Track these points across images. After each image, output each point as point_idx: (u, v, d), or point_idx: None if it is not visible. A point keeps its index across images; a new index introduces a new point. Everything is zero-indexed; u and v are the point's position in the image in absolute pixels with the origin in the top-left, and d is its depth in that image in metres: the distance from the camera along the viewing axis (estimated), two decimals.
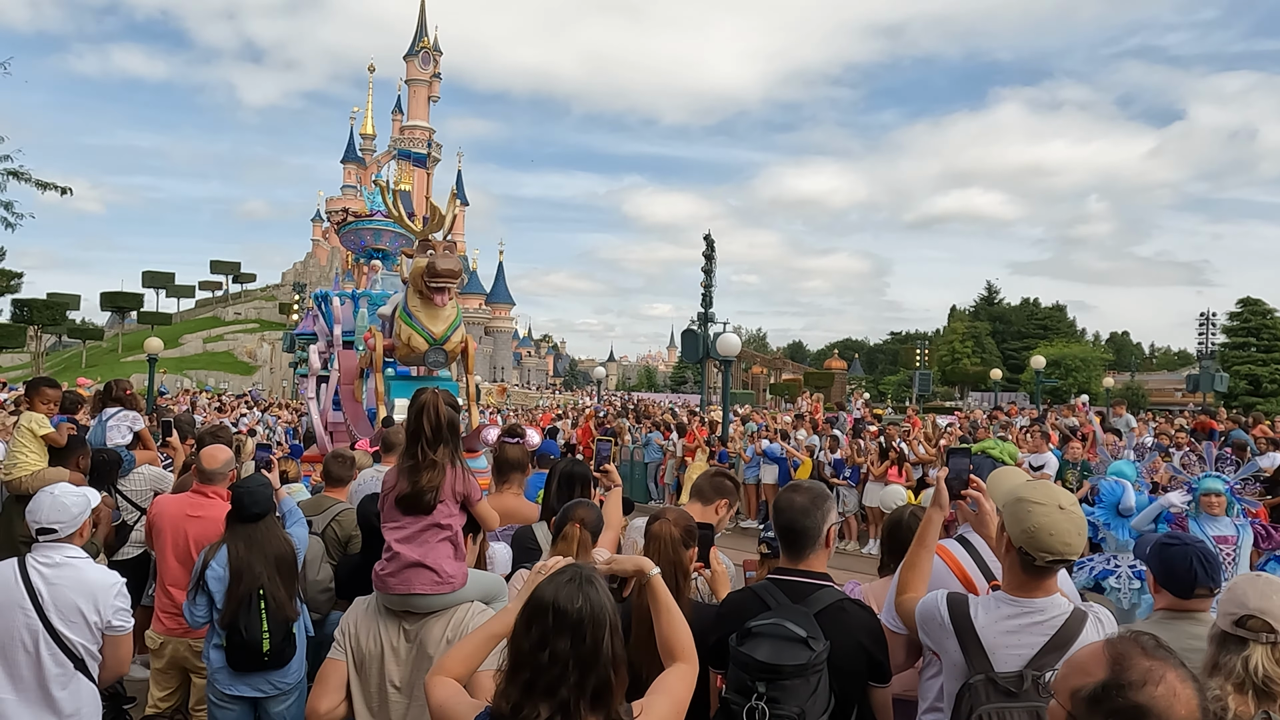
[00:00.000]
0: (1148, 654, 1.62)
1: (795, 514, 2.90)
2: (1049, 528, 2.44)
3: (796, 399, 34.08)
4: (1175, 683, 1.57)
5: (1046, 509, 2.46)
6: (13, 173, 19.88)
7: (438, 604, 3.06)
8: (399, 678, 3.01)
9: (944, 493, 3.01)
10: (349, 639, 3.08)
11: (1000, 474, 3.10)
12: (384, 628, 3.07)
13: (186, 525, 4.94)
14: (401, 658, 3.02)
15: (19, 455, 5.73)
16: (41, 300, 55.88)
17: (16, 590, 3.37)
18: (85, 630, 3.44)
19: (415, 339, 7.43)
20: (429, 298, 7.31)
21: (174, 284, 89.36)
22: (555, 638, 1.99)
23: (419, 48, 76.47)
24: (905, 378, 68.80)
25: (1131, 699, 1.56)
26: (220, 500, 5.02)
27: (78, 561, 3.51)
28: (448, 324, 7.53)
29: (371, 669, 3.03)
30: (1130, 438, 14.26)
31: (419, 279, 7.23)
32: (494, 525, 3.55)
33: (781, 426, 17.07)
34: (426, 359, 7.59)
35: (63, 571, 3.44)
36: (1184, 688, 1.57)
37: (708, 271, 35.75)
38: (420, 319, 7.41)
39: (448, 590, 3.06)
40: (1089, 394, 42.63)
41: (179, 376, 55.60)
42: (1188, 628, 2.94)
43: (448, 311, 7.51)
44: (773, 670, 2.49)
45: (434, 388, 3.29)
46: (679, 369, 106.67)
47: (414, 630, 3.05)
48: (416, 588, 3.02)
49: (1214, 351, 51.18)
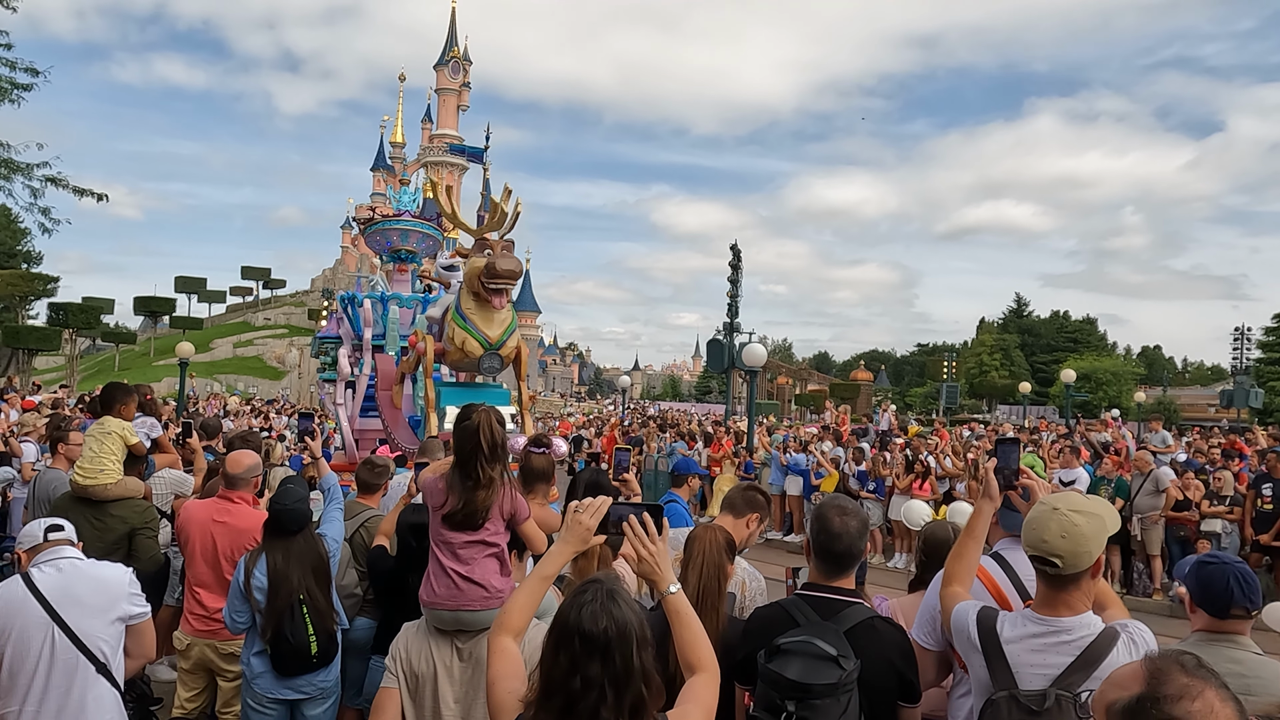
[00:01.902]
0: (1187, 671, 1.56)
1: (853, 539, 2.87)
2: (1032, 523, 2.48)
3: (823, 410, 33.89)
4: (1214, 700, 1.51)
5: (1044, 507, 2.50)
6: (51, 179, 20.31)
7: (488, 620, 3.02)
8: (454, 697, 2.98)
9: (994, 484, 2.99)
10: (400, 664, 3.05)
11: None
12: (436, 648, 3.05)
13: (213, 530, 5.01)
14: (455, 677, 3.00)
15: (105, 462, 5.67)
16: (77, 304, 56.73)
17: (28, 602, 3.33)
18: (103, 627, 3.42)
19: (470, 343, 7.00)
20: (485, 299, 6.88)
21: (205, 289, 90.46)
22: (585, 662, 1.98)
23: (449, 57, 77.07)
24: (932, 390, 68.22)
25: (1167, 712, 1.51)
26: (245, 506, 5.09)
27: (81, 563, 3.51)
28: (503, 328, 7.11)
29: (426, 691, 3.00)
30: (1161, 457, 14.02)
31: (475, 279, 6.81)
32: (541, 548, 3.53)
33: (804, 438, 16.99)
34: (481, 365, 7.15)
35: (69, 575, 3.43)
36: (1224, 707, 1.51)
37: (734, 281, 35.68)
38: (475, 322, 6.98)
39: (496, 605, 3.04)
40: (1120, 408, 42.07)
41: (209, 381, 56.30)
42: (1225, 650, 2.87)
43: (503, 315, 7.08)
44: (803, 689, 2.47)
45: (485, 405, 3.30)
46: (704, 379, 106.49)
47: (467, 649, 3.04)
48: (465, 604, 3.02)
49: (1249, 367, 50.30)
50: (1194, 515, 11.44)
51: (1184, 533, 11.47)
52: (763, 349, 18.90)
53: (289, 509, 4.34)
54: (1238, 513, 11.35)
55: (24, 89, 19.70)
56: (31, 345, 47.32)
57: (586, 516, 2.45)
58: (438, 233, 11.38)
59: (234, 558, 4.95)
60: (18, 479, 8.96)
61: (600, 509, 2.46)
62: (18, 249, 60.37)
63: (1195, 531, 11.29)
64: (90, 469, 5.64)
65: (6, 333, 46.14)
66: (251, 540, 4.93)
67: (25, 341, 46.72)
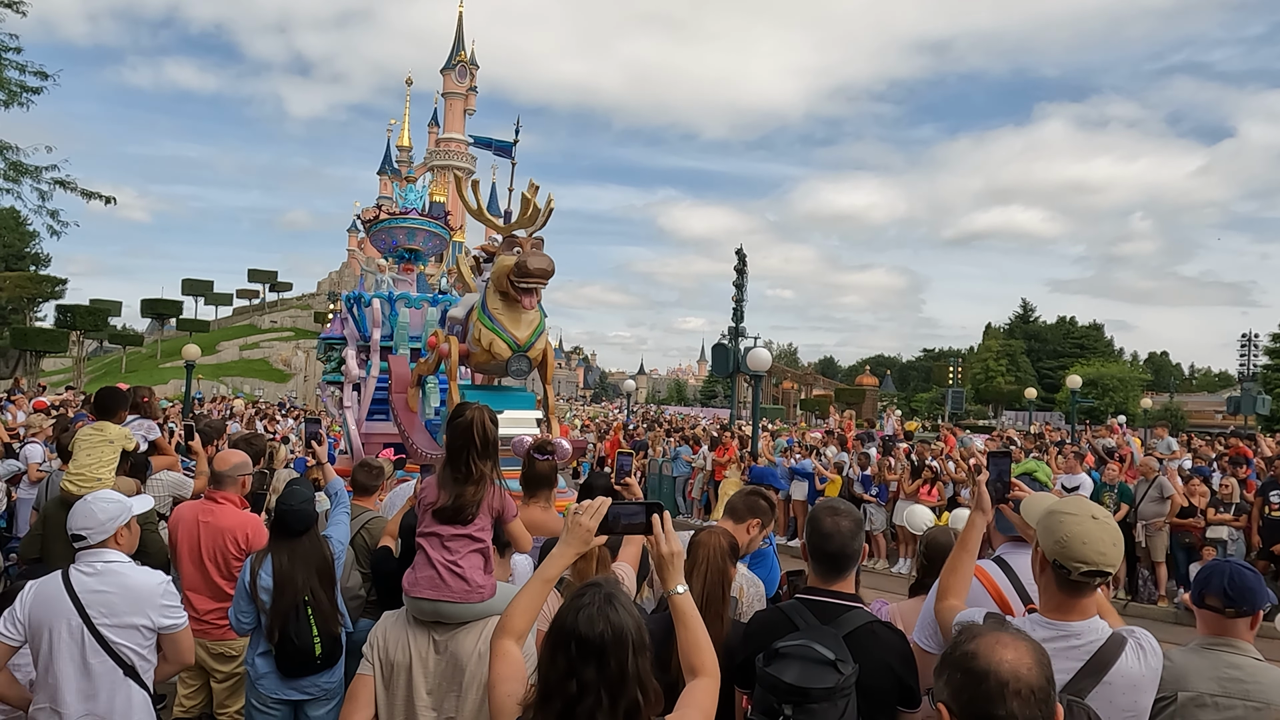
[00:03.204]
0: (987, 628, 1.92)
1: (845, 539, 2.87)
2: (1081, 536, 2.40)
3: (828, 415, 33.85)
4: (1005, 635, 1.85)
5: (1079, 518, 2.44)
6: (59, 182, 20.36)
7: (466, 614, 3.07)
8: (426, 689, 2.99)
9: (986, 496, 2.98)
10: (377, 651, 3.08)
11: (1036, 497, 3.04)
12: (414, 639, 3.07)
13: (199, 530, 5.05)
14: (430, 669, 3.02)
15: (101, 472, 5.66)
16: (84, 306, 56.94)
17: (63, 602, 3.40)
18: (135, 635, 3.47)
19: (497, 344, 6.69)
20: (515, 299, 6.58)
21: (212, 292, 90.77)
22: (582, 666, 2.00)
23: (456, 61, 77.24)
24: (938, 395, 68.05)
25: (963, 649, 1.84)
26: (230, 505, 5.14)
27: (119, 566, 3.54)
28: (532, 329, 6.82)
29: (399, 680, 3.02)
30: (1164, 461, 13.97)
31: (504, 278, 6.51)
32: (527, 547, 3.56)
33: (811, 443, 16.96)
34: (509, 367, 6.83)
35: (106, 579, 3.48)
36: (1013, 639, 1.84)
37: (739, 286, 35.69)
38: (502, 322, 6.68)
39: (476, 600, 3.06)
40: (1126, 414, 41.92)
41: (215, 383, 56.42)
42: (1224, 655, 2.85)
43: (531, 316, 6.79)
44: (800, 693, 2.46)
45: (478, 403, 3.31)
46: (709, 383, 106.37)
47: (444, 641, 3.05)
48: (446, 595, 3.02)
49: (1256, 374, 50.05)
50: (1199, 522, 11.39)
51: (1189, 540, 11.42)
52: (767, 353, 18.86)
53: (294, 509, 4.35)
54: (1244, 520, 11.31)
55: (33, 92, 19.76)
56: (39, 347, 47.51)
57: (586, 518, 2.45)
58: (445, 232, 11.08)
59: (216, 557, 4.99)
60: (25, 478, 9.00)
61: (600, 510, 2.46)
62: (26, 251, 60.56)
63: (1201, 539, 11.24)
64: (86, 478, 5.60)
65: (14, 335, 46.33)
66: (233, 540, 4.98)
67: (33, 343, 46.91)
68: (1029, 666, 1.77)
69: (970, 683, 1.78)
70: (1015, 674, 1.75)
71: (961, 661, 1.82)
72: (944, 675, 1.86)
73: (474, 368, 7.27)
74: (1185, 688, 2.78)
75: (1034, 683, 1.76)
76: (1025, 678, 1.75)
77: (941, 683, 1.85)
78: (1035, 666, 1.78)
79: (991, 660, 1.78)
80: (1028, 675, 1.76)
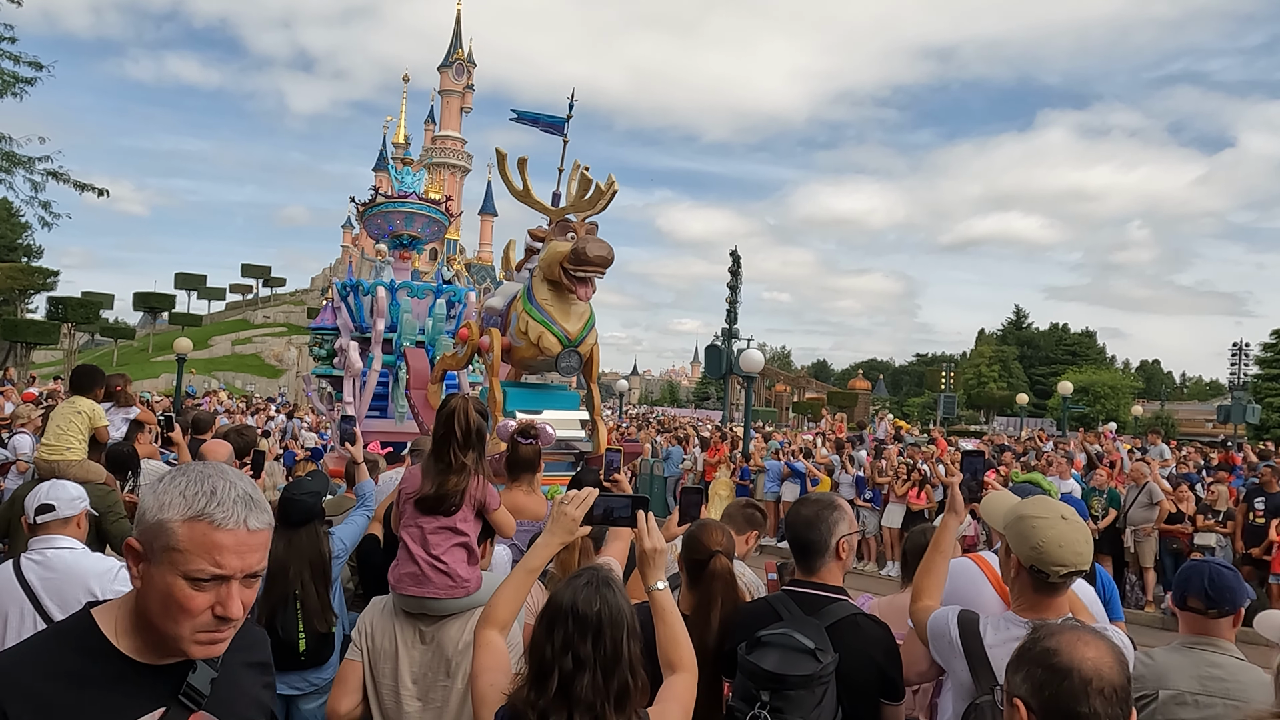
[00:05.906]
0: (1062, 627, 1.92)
1: (800, 527, 2.91)
2: (1057, 540, 2.42)
3: (820, 418, 33.90)
4: (1085, 634, 1.86)
5: (1050, 521, 2.44)
6: (52, 173, 20.36)
7: (451, 608, 3.07)
8: (412, 677, 3.01)
9: (959, 498, 3.02)
10: (365, 638, 3.09)
11: (994, 498, 2.97)
12: (400, 627, 3.08)
13: None
14: (415, 658, 3.03)
15: (71, 439, 5.56)
16: (76, 299, 56.63)
17: (15, 590, 3.34)
18: None
19: (546, 338, 6.02)
20: (567, 289, 5.93)
21: (205, 286, 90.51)
22: (579, 642, 2.01)
23: (453, 59, 77.27)
24: (930, 400, 68.20)
25: (1044, 645, 1.83)
26: None
27: (69, 553, 3.48)
28: (583, 322, 6.16)
29: (385, 668, 3.03)
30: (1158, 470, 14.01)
31: (556, 266, 5.87)
32: (510, 533, 3.56)
33: (804, 444, 16.99)
34: (559, 363, 6.19)
35: (56, 563, 3.42)
36: (1094, 638, 1.84)
37: (733, 288, 35.70)
38: (552, 314, 6.02)
39: (461, 594, 3.07)
40: (1117, 422, 42.05)
41: (206, 377, 56.26)
42: (1206, 655, 2.87)
43: (582, 308, 6.13)
44: (777, 679, 2.48)
45: (463, 394, 3.33)
46: (702, 384, 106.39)
47: (430, 632, 3.06)
48: (430, 591, 3.03)
49: (1246, 383, 50.27)
50: (1187, 528, 11.45)
51: (1177, 545, 11.48)
52: (760, 355, 18.89)
53: (295, 499, 4.30)
54: (1230, 526, 11.37)
55: (27, 83, 19.73)
56: (30, 339, 47.24)
57: (572, 508, 2.46)
58: (444, 217, 10.49)
59: None
60: (14, 468, 8.97)
61: (586, 501, 2.48)
62: (18, 242, 60.39)
63: (1189, 545, 11.30)
64: (56, 445, 5.54)
65: (5, 326, 46.09)
66: None
67: (23, 335, 46.65)
68: (1110, 665, 1.77)
69: (1052, 679, 1.77)
70: (1098, 672, 1.75)
71: (1042, 658, 1.80)
72: (1022, 670, 1.83)
73: (515, 363, 6.61)
74: (1166, 685, 2.80)
75: (1116, 681, 1.75)
76: (1108, 676, 1.75)
77: (1019, 679, 1.83)
78: (1116, 665, 1.78)
79: (1074, 657, 1.77)
80: (1110, 674, 1.75)
